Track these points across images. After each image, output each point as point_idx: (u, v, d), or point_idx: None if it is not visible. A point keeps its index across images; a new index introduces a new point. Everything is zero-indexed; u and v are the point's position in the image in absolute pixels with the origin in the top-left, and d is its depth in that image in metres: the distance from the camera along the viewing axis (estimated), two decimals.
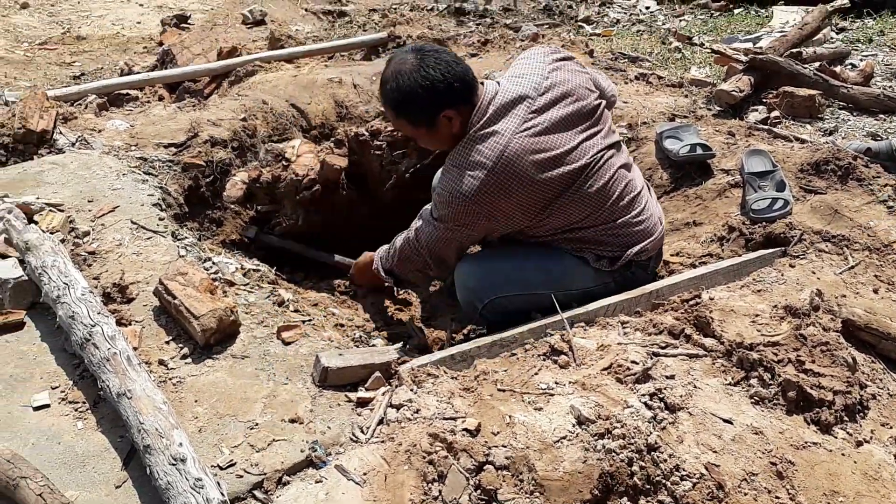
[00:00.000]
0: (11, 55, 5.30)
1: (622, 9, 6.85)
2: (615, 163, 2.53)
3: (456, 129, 2.42)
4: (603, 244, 2.52)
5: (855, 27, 5.59)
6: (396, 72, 2.38)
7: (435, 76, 2.34)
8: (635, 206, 2.56)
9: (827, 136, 3.63)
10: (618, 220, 2.51)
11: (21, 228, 2.44)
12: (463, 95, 2.39)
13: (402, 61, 2.39)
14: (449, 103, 2.37)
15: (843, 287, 2.51)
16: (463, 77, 2.38)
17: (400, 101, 2.41)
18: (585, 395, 2.01)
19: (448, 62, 2.37)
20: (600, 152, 2.47)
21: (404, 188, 3.74)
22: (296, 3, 5.89)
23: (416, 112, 2.42)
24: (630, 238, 2.54)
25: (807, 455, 1.95)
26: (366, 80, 4.08)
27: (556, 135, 2.40)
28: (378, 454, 1.83)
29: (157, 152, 3.30)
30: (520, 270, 2.53)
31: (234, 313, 2.21)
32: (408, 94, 2.37)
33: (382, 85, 2.44)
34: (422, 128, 2.46)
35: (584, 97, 2.49)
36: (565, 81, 2.48)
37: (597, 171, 2.45)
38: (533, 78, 2.46)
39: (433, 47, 2.44)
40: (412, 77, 2.35)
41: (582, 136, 2.45)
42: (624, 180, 2.55)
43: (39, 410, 1.96)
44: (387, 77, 2.42)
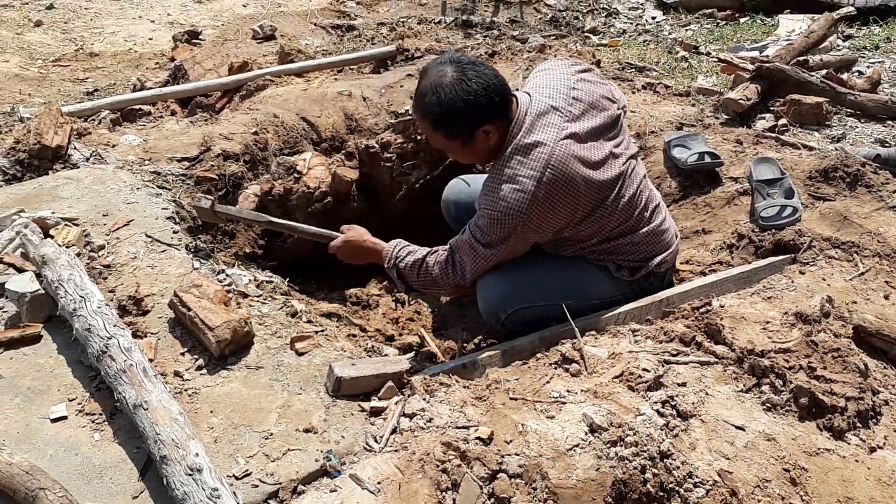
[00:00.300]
0: (26, 72, 5.37)
1: (628, 19, 6.88)
2: (639, 172, 2.54)
3: (493, 142, 2.36)
4: (628, 253, 2.53)
5: (861, 34, 5.60)
6: (437, 84, 2.29)
7: (477, 90, 2.27)
8: (657, 215, 2.58)
9: (835, 143, 3.64)
10: (643, 229, 2.52)
11: (37, 243, 2.47)
12: (502, 110, 2.33)
13: (442, 73, 2.30)
14: (489, 118, 2.31)
15: (854, 293, 2.51)
16: (502, 91, 2.32)
17: (441, 115, 2.31)
18: (597, 403, 2.02)
19: (488, 75, 2.31)
20: (627, 161, 2.47)
21: (414, 199, 3.76)
22: (305, 18, 5.94)
23: (456, 126, 2.33)
24: (653, 248, 2.55)
25: (820, 461, 1.95)
26: (375, 93, 4.11)
27: (591, 142, 2.38)
28: (392, 463, 1.84)
29: (170, 166, 3.33)
30: (542, 281, 2.51)
31: (248, 324, 2.23)
32: (449, 107, 2.28)
33: (420, 97, 2.34)
34: (457, 141, 2.38)
35: (607, 108, 2.48)
36: (590, 93, 2.46)
37: (627, 180, 2.45)
38: (560, 89, 2.43)
39: (471, 59, 2.37)
40: (453, 90, 2.27)
41: (610, 146, 2.44)
42: (647, 190, 2.57)
43: (57, 422, 1.98)
44: (425, 89, 2.32)
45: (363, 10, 6.81)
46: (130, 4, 6.96)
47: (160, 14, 6.72)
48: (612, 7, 7.17)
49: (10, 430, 1.95)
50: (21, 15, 6.46)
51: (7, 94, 4.90)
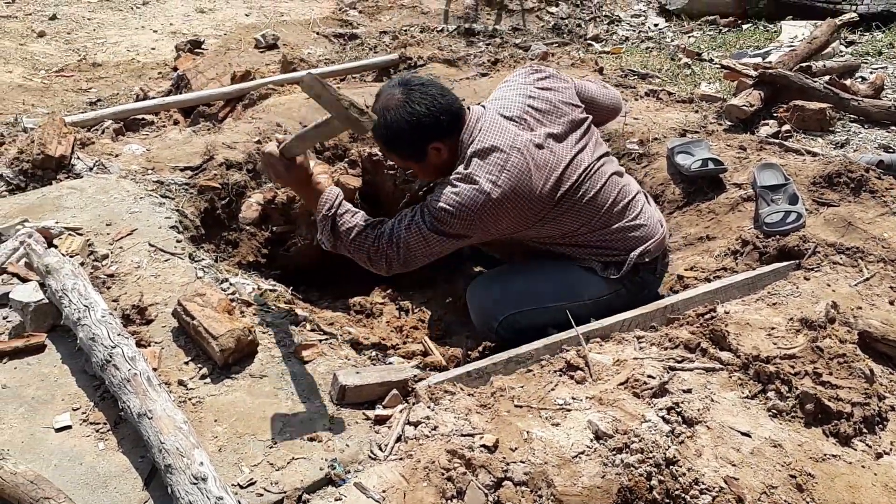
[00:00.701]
0: (29, 83, 5.38)
1: (631, 26, 6.89)
2: (607, 170, 2.58)
3: (445, 157, 2.46)
4: (603, 249, 2.57)
5: (864, 40, 5.60)
6: (384, 107, 2.42)
7: (420, 111, 2.38)
8: (630, 210, 2.60)
9: (838, 149, 3.63)
10: (613, 225, 2.56)
11: (41, 252, 2.47)
12: (449, 127, 2.43)
13: (390, 96, 2.42)
14: (436, 136, 2.42)
15: (859, 299, 2.50)
16: (448, 109, 2.42)
17: (389, 137, 2.45)
18: (603, 410, 2.01)
19: (433, 95, 2.40)
20: (592, 163, 2.52)
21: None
22: (307, 27, 5.96)
23: (405, 146, 2.46)
24: (630, 242, 2.58)
25: (826, 467, 1.94)
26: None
27: (548, 149, 2.45)
28: (397, 471, 1.83)
29: (173, 175, 3.33)
30: (532, 285, 2.57)
31: (252, 333, 2.23)
32: (395, 129, 2.41)
33: (375, 112, 2.42)
34: (412, 160, 2.52)
35: (567, 112, 2.55)
36: (547, 100, 2.54)
37: (590, 180, 2.50)
38: (515, 100, 2.52)
39: (419, 80, 2.46)
40: (398, 113, 2.39)
41: (574, 150, 2.50)
42: (616, 186, 2.59)
43: (61, 432, 1.98)
44: (375, 113, 2.39)
45: (365, 18, 6.83)
46: (133, 15, 6.99)
47: (163, 24, 6.74)
48: (615, 14, 7.19)
49: (14, 439, 1.95)
50: (24, 26, 6.49)
51: (10, 104, 4.92)
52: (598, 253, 2.58)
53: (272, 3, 7.36)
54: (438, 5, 7.16)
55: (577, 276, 2.58)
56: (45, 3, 7.10)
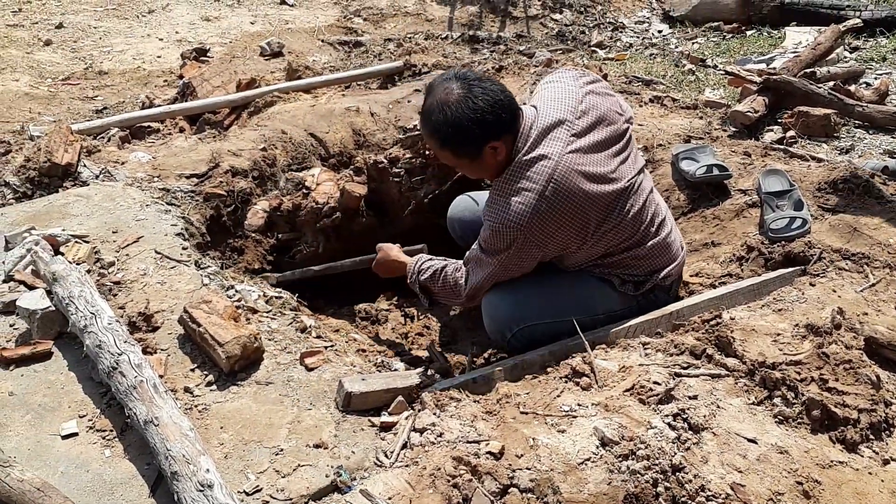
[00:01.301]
0: (36, 91, 5.40)
1: (634, 33, 6.90)
2: (646, 186, 2.53)
3: (501, 157, 2.36)
4: (631, 267, 2.53)
5: (868, 46, 5.60)
6: (443, 102, 2.29)
7: (483, 107, 2.26)
8: (663, 229, 2.57)
9: (843, 155, 3.63)
10: (649, 242, 2.51)
11: (48, 260, 2.48)
12: (509, 125, 2.33)
13: (448, 91, 2.30)
14: (496, 134, 2.31)
15: (865, 305, 2.50)
16: (510, 107, 2.32)
17: (447, 134, 2.31)
18: (608, 417, 2.01)
19: (495, 91, 2.30)
20: (634, 176, 2.46)
21: (423, 214, 3.77)
22: (312, 35, 5.98)
23: (464, 144, 2.33)
24: (658, 261, 2.55)
25: (833, 474, 1.93)
26: (382, 109, 4.13)
27: (597, 156, 2.37)
28: (402, 478, 1.84)
29: (179, 183, 3.35)
30: (548, 298, 2.51)
31: (258, 340, 2.24)
32: (456, 126, 2.28)
33: (426, 115, 2.35)
34: (465, 158, 2.39)
35: (615, 121, 2.47)
36: (598, 106, 2.45)
37: (634, 194, 2.44)
38: (568, 102, 2.42)
39: (477, 74, 2.36)
40: (459, 108, 2.27)
41: (618, 160, 2.43)
42: (654, 204, 2.56)
43: (68, 439, 1.98)
44: (431, 107, 2.33)
45: (370, 26, 6.85)
46: (139, 23, 7.01)
47: (168, 32, 6.75)
48: (619, 21, 7.19)
49: (21, 446, 1.96)
50: (31, 34, 6.51)
51: (17, 112, 4.93)
52: (623, 272, 2.53)
53: (277, 11, 7.38)
54: (443, 13, 7.17)
55: (593, 289, 2.54)
56: (52, 12, 7.13)
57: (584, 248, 2.44)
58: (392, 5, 7.29)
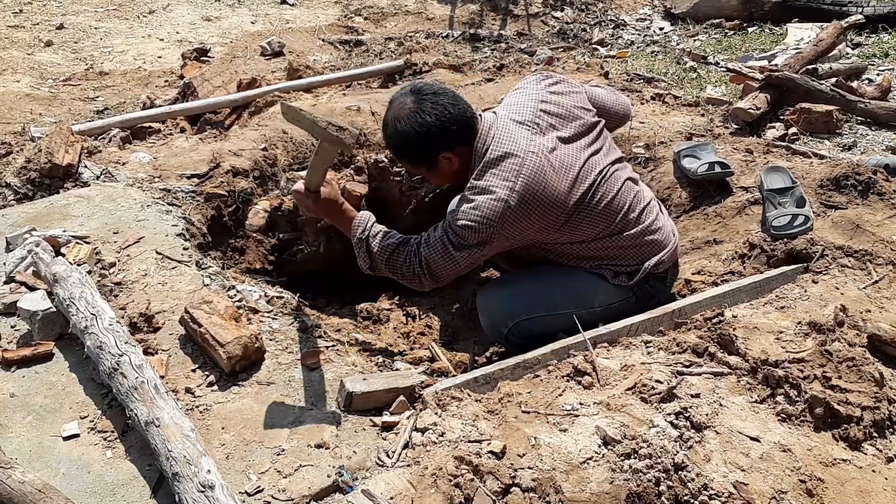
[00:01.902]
0: (37, 92, 5.40)
1: (636, 30, 6.89)
2: (621, 176, 2.57)
3: (456, 166, 2.47)
4: (618, 258, 2.55)
5: (870, 42, 5.59)
6: (395, 117, 2.43)
7: (430, 122, 2.38)
8: (646, 216, 2.59)
9: (845, 152, 3.62)
10: (630, 230, 2.54)
11: (49, 261, 2.48)
12: (459, 137, 2.43)
13: (402, 105, 2.43)
14: (445, 146, 2.43)
15: (868, 302, 2.49)
16: (459, 119, 2.41)
17: (398, 146, 2.48)
18: (610, 416, 2.01)
19: (444, 105, 2.40)
20: (606, 167, 2.52)
21: (424, 213, 3.76)
22: (313, 34, 5.98)
23: (415, 155, 2.49)
24: (645, 249, 2.56)
25: (836, 472, 1.93)
26: (383, 108, 4.10)
27: (563, 149, 2.45)
28: (404, 478, 1.83)
29: (179, 183, 3.34)
30: (543, 291, 2.55)
31: (259, 340, 2.23)
32: (405, 139, 2.42)
33: (383, 127, 2.51)
34: (422, 167, 2.54)
35: (580, 116, 2.55)
36: (559, 104, 2.54)
37: (605, 184, 2.49)
38: (527, 105, 2.52)
39: (431, 89, 2.46)
40: (409, 122, 2.40)
41: (587, 152, 2.50)
42: (632, 192, 2.59)
43: (69, 440, 1.98)
44: (387, 121, 2.47)
45: (371, 25, 6.84)
46: (140, 23, 7.01)
47: (169, 32, 6.75)
48: (620, 18, 7.18)
49: (22, 448, 1.96)
50: (31, 35, 6.51)
51: (18, 113, 4.93)
52: (612, 263, 2.56)
53: (278, 10, 7.38)
54: (443, 11, 7.16)
55: (588, 282, 2.57)
56: (52, 13, 7.13)
57: (557, 237, 2.48)
58: (393, 4, 7.29)
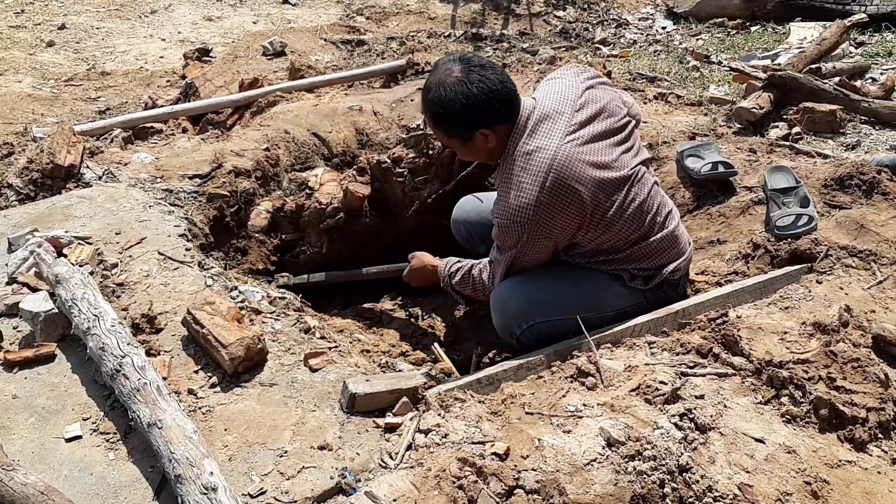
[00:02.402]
0: (39, 92, 5.40)
1: (638, 29, 6.87)
2: (649, 179, 2.54)
3: (492, 145, 2.40)
4: (642, 260, 2.53)
5: (874, 41, 5.57)
6: (440, 82, 2.34)
7: (477, 94, 2.30)
8: (669, 222, 2.57)
9: (849, 151, 3.61)
10: (657, 234, 2.51)
11: (51, 262, 2.48)
12: (502, 115, 2.36)
13: (448, 71, 2.34)
14: (487, 122, 2.35)
15: (872, 302, 2.48)
16: (506, 97, 2.34)
17: (439, 113, 2.38)
18: (614, 417, 2.00)
19: (492, 80, 2.32)
20: (636, 167, 2.47)
21: (427, 214, 3.75)
22: (315, 34, 5.97)
23: (454, 125, 2.39)
24: (666, 255, 2.55)
25: (842, 474, 1.92)
26: (385, 108, 4.12)
27: (596, 145, 2.39)
28: (407, 480, 1.82)
29: (182, 184, 3.34)
30: (558, 295, 2.51)
31: (262, 341, 2.23)
32: (447, 107, 2.33)
33: (425, 91, 2.41)
34: (457, 139, 2.44)
35: (616, 113, 2.50)
36: (598, 99, 2.48)
37: (637, 183, 2.46)
38: (567, 95, 2.45)
39: (480, 61, 2.38)
40: (454, 90, 2.31)
41: (619, 150, 2.44)
42: (658, 196, 2.57)
43: (71, 442, 1.98)
44: (430, 85, 2.38)
45: (373, 25, 6.84)
46: (141, 24, 7.00)
47: (171, 32, 6.75)
48: (622, 18, 7.17)
49: (24, 449, 1.95)
50: (33, 35, 6.51)
51: (20, 114, 4.93)
52: (633, 266, 2.53)
53: (279, 10, 7.37)
54: (445, 10, 7.16)
55: (604, 286, 2.53)
56: (54, 13, 7.13)
57: (592, 236, 2.44)
58: (394, 4, 7.29)
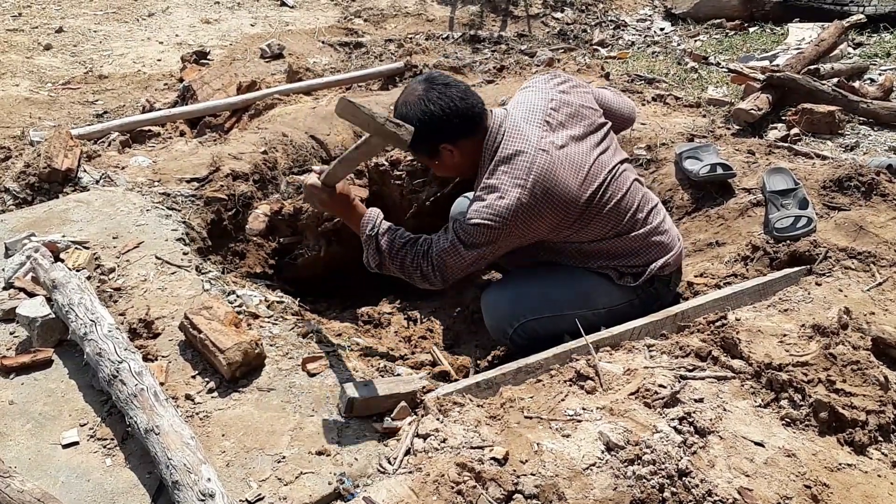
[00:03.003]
0: (36, 95, 5.40)
1: (636, 31, 6.88)
2: (629, 176, 2.57)
3: (457, 160, 2.46)
4: (625, 257, 2.54)
5: (872, 42, 5.57)
6: (403, 101, 2.43)
7: (434, 111, 2.37)
8: (653, 218, 2.59)
9: (848, 152, 3.61)
10: (638, 230, 2.53)
11: (48, 267, 2.47)
12: (462, 131, 2.41)
13: (412, 90, 2.43)
14: (446, 138, 2.41)
15: (872, 304, 2.47)
16: (465, 113, 2.39)
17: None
18: (614, 421, 1.99)
19: (451, 97, 2.38)
20: (615, 166, 2.51)
21: (425, 216, 3.75)
22: (313, 37, 5.96)
23: (416, 142, 2.35)
24: (652, 251, 2.56)
25: (841, 477, 1.91)
26: (383, 110, 4.10)
27: (573, 147, 2.44)
28: (406, 485, 1.82)
29: (179, 187, 3.33)
30: (548, 292, 2.54)
31: (259, 346, 2.22)
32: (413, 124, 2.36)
33: (394, 109, 2.48)
34: (424, 156, 2.53)
35: (588, 116, 2.54)
36: (568, 103, 2.53)
37: (614, 183, 2.49)
38: (537, 104, 2.50)
39: (444, 80, 2.45)
40: (414, 108, 2.39)
41: (596, 151, 2.49)
42: (640, 192, 2.59)
43: (68, 448, 1.97)
44: (397, 103, 2.47)
45: (371, 27, 6.84)
46: (139, 26, 7.01)
47: (168, 35, 6.76)
48: (620, 19, 7.17)
49: (21, 456, 1.94)
50: (31, 39, 6.51)
51: (17, 117, 4.93)
52: (618, 264, 2.55)
53: (277, 12, 7.37)
54: (443, 13, 7.16)
55: (593, 283, 2.56)
56: (52, 17, 7.14)
57: (566, 234, 2.47)
58: (392, 6, 7.28)
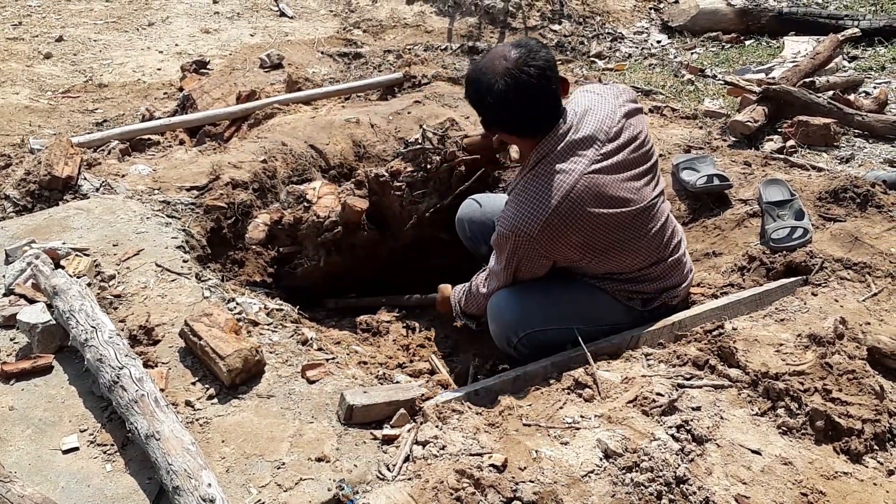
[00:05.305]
0: (36, 104, 5.41)
1: (633, 43, 6.91)
2: (664, 210, 2.55)
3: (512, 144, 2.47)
4: (640, 283, 2.53)
5: (867, 55, 5.61)
6: (489, 66, 2.29)
7: (508, 98, 2.26)
8: (677, 251, 2.58)
9: (843, 164, 3.63)
10: (661, 264, 2.52)
11: (48, 273, 2.48)
12: (519, 131, 2.37)
13: (504, 56, 2.27)
14: (502, 129, 2.40)
15: (867, 314, 2.49)
16: (534, 120, 2.32)
17: (469, 92, 2.38)
18: (612, 429, 2.00)
19: (533, 97, 2.26)
20: (654, 199, 2.47)
21: (425, 227, 3.76)
22: (312, 47, 5.99)
23: (476, 107, 2.39)
24: (669, 282, 2.56)
25: (838, 485, 1.93)
26: (383, 120, 4.13)
27: (619, 177, 2.36)
28: (405, 491, 1.82)
29: (179, 195, 3.34)
30: (556, 305, 2.52)
31: (259, 353, 2.23)
32: (475, 91, 2.33)
33: (478, 60, 2.40)
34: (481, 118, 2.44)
35: (647, 144, 2.48)
36: (633, 126, 2.44)
37: (654, 216, 2.46)
38: (604, 119, 2.39)
39: (539, 67, 2.26)
40: (491, 81, 2.27)
41: (641, 182, 2.42)
42: (670, 227, 2.58)
43: (69, 453, 1.97)
44: (478, 62, 2.37)
45: (369, 37, 6.87)
46: (139, 36, 7.03)
47: (168, 44, 6.78)
48: (618, 32, 7.20)
49: (22, 461, 1.95)
50: (31, 47, 6.53)
51: (17, 125, 4.94)
52: (631, 288, 2.53)
53: (277, 23, 7.40)
54: (442, 24, 7.19)
55: (601, 300, 2.54)
56: (52, 25, 7.15)
57: (597, 266, 2.46)
58: (391, 17, 7.32)
